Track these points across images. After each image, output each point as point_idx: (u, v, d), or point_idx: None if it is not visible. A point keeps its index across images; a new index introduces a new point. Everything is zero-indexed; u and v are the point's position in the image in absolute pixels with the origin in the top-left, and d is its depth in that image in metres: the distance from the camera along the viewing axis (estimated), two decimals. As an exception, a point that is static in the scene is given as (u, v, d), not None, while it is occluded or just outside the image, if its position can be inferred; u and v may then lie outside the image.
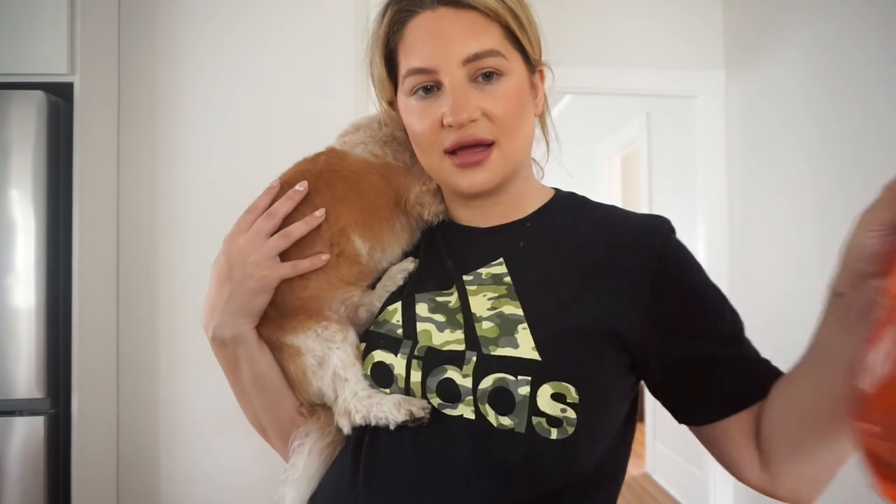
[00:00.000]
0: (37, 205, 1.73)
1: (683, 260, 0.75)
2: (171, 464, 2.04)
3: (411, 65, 0.75)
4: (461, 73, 0.73)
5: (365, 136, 0.86)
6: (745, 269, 2.88)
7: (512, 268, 0.76)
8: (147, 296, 2.06)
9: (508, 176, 0.78)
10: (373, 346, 0.76)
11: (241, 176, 2.09)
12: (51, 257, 1.76)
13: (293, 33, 2.11)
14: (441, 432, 0.68)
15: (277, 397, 0.81)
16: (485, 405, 0.67)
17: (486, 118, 0.73)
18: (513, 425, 0.66)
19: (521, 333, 0.69)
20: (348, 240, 0.80)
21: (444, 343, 0.72)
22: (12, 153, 1.72)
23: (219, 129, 2.09)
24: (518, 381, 0.66)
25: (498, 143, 0.74)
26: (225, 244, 0.80)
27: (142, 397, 2.05)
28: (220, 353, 0.81)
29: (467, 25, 0.73)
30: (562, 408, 0.65)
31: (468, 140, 0.73)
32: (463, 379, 0.68)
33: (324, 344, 0.75)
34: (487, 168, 0.75)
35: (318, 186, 0.81)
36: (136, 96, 2.08)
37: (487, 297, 0.74)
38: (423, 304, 0.76)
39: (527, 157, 0.81)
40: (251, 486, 2.04)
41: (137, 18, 2.08)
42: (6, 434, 1.69)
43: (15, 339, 1.71)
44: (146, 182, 2.08)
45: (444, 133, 0.74)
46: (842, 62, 2.26)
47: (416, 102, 0.76)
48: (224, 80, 2.09)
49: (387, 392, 0.73)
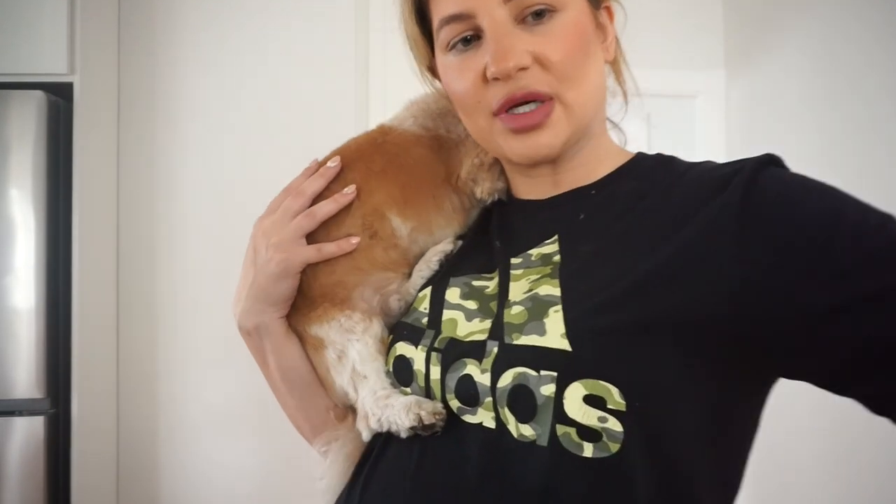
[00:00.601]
0: (36, 205, 1.73)
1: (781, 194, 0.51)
2: (171, 464, 2.04)
3: (443, 13, 0.61)
4: (503, 12, 0.58)
5: (417, 109, 0.76)
6: (745, 269, 2.88)
7: (565, 245, 0.61)
8: (147, 296, 2.06)
9: (576, 135, 0.62)
10: (397, 338, 0.65)
11: (240, 175, 2.09)
12: (51, 257, 1.76)
13: (293, 33, 2.11)
14: (452, 444, 0.56)
15: (309, 395, 0.72)
16: (504, 409, 0.53)
17: (540, 66, 0.58)
18: (534, 436, 0.52)
19: (551, 317, 0.54)
20: (384, 219, 0.70)
21: (469, 333, 0.59)
22: (12, 153, 1.72)
23: (218, 129, 2.09)
24: (541, 377, 0.51)
25: (559, 96, 0.59)
26: (254, 227, 0.72)
27: (141, 397, 2.05)
28: (248, 343, 0.73)
29: None
30: (600, 416, 0.49)
31: (519, 95, 0.59)
32: (481, 375, 0.55)
33: (344, 335, 0.66)
34: (550, 128, 0.60)
35: (354, 162, 0.72)
36: (136, 96, 2.07)
37: (530, 280, 0.60)
38: (456, 290, 0.64)
39: (598, 111, 0.65)
40: (251, 485, 2.04)
41: (137, 18, 2.08)
42: (6, 434, 1.69)
43: (15, 339, 1.71)
44: (146, 182, 2.08)
45: (490, 90, 0.60)
46: (842, 62, 2.26)
47: (453, 58, 0.62)
48: (224, 79, 2.09)
49: (407, 391, 0.62)
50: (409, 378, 0.62)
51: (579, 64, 0.60)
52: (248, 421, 2.03)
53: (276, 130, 2.08)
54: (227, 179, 2.08)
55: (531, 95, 0.59)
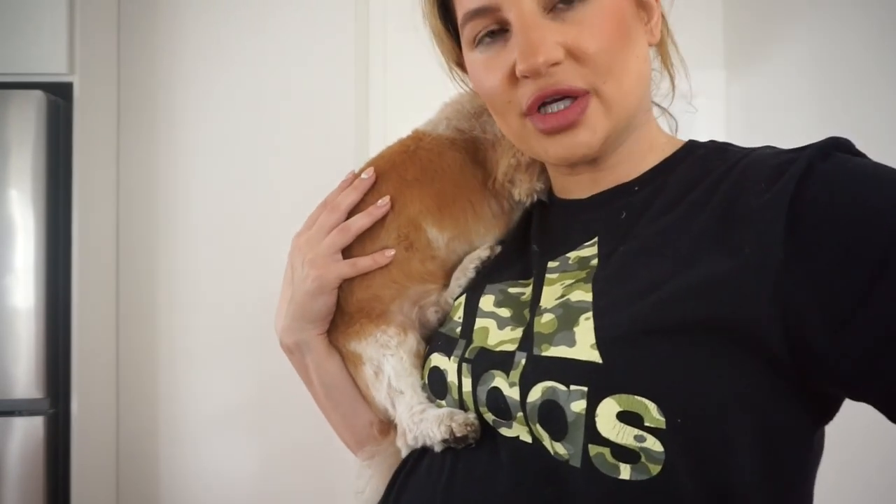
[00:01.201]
0: (36, 205, 1.73)
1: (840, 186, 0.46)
2: (171, 464, 2.04)
3: (467, 7, 0.56)
4: (531, 2, 0.52)
5: (451, 110, 0.73)
6: (746, 269, 2.88)
7: (604, 248, 0.55)
8: (147, 296, 2.06)
9: (616, 131, 0.56)
10: (432, 349, 0.63)
11: (240, 175, 2.09)
12: (50, 257, 1.76)
13: (293, 33, 2.11)
14: (486, 457, 0.53)
15: (352, 410, 0.70)
16: (536, 426, 0.49)
17: (574, 59, 0.52)
18: (568, 456, 0.48)
19: (581, 325, 0.50)
20: (419, 230, 0.68)
21: (500, 343, 0.56)
22: (12, 153, 1.72)
23: (218, 129, 2.09)
24: (570, 392, 0.47)
25: (596, 91, 0.53)
26: (291, 243, 0.71)
27: (141, 397, 2.05)
28: (291, 360, 0.72)
29: None
30: (637, 434, 0.45)
31: (551, 91, 0.53)
32: (510, 388, 0.52)
33: (379, 351, 0.65)
34: (587, 126, 0.54)
35: (388, 172, 0.70)
36: (136, 96, 2.07)
37: (563, 286, 0.55)
38: (490, 297, 0.61)
39: (642, 101, 0.59)
40: (251, 485, 2.04)
41: (137, 18, 2.08)
42: (6, 434, 1.69)
43: (15, 339, 1.71)
44: (146, 182, 2.08)
45: (520, 87, 0.55)
46: (843, 61, 2.26)
47: (480, 55, 0.57)
48: (223, 79, 2.09)
49: (443, 404, 0.60)
50: (443, 390, 0.60)
51: (618, 53, 0.53)
52: (248, 421, 2.03)
53: (275, 130, 2.08)
54: (226, 179, 2.08)
55: (562, 92, 0.53)
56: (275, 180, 2.05)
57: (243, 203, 2.08)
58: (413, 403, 0.61)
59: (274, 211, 2.03)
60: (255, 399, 2.00)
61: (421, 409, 0.60)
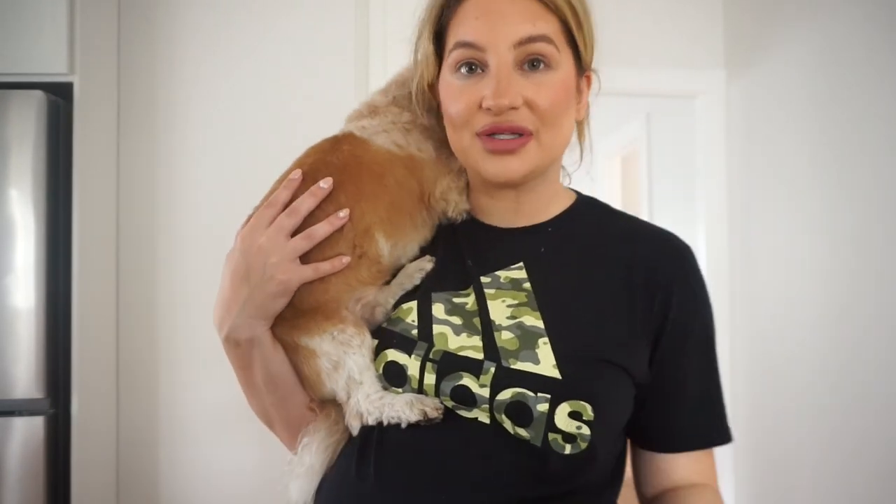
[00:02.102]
0: (36, 205, 1.73)
1: (702, 299, 0.77)
2: (171, 464, 2.04)
3: (460, 37, 0.71)
4: (509, 57, 0.69)
5: (385, 122, 0.81)
6: (746, 270, 2.87)
7: (532, 275, 0.74)
8: (147, 296, 2.06)
9: (541, 169, 0.74)
10: (385, 345, 0.73)
11: (240, 175, 2.09)
12: (51, 257, 1.76)
13: (293, 32, 2.11)
14: (456, 431, 0.69)
15: (289, 394, 0.80)
16: (501, 415, 0.67)
17: (528, 108, 0.70)
18: (529, 437, 0.67)
19: (541, 349, 0.69)
20: (372, 240, 0.76)
21: (460, 347, 0.70)
22: (12, 153, 1.72)
23: (218, 128, 2.09)
24: (537, 397, 0.66)
25: (537, 135, 0.71)
26: (242, 240, 0.75)
27: (141, 397, 2.05)
28: (233, 352, 0.78)
29: (526, 8, 0.70)
30: (577, 425, 0.66)
31: (504, 126, 0.70)
32: (480, 388, 0.68)
33: (339, 348, 0.73)
34: (521, 157, 0.71)
35: (343, 181, 0.75)
36: (136, 96, 2.08)
37: (507, 304, 0.72)
38: (440, 305, 0.74)
39: (561, 156, 0.79)
40: (251, 485, 2.04)
41: (137, 18, 2.08)
42: (6, 434, 1.69)
43: (15, 339, 1.71)
44: (146, 182, 2.08)
45: (480, 115, 0.71)
46: (843, 61, 2.26)
47: (457, 81, 0.72)
48: (224, 79, 2.09)
49: (399, 391, 0.72)
50: (401, 381, 0.72)
51: (559, 114, 0.72)
52: (248, 421, 2.02)
53: (275, 130, 2.08)
54: (226, 178, 2.08)
55: (514, 129, 0.70)
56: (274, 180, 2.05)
57: (243, 203, 2.07)
58: (370, 392, 0.72)
59: (274, 211, 2.03)
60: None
61: (379, 395, 0.71)
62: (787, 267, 2.58)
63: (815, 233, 2.39)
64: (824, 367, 2.32)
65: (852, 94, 2.21)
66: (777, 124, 2.64)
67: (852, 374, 2.18)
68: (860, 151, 2.17)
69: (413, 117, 0.80)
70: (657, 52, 2.95)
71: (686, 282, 0.75)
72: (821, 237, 2.36)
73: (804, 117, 2.46)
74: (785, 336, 2.58)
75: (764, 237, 2.74)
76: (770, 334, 2.69)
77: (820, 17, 2.38)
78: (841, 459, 2.23)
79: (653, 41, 2.94)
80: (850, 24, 2.23)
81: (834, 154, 2.29)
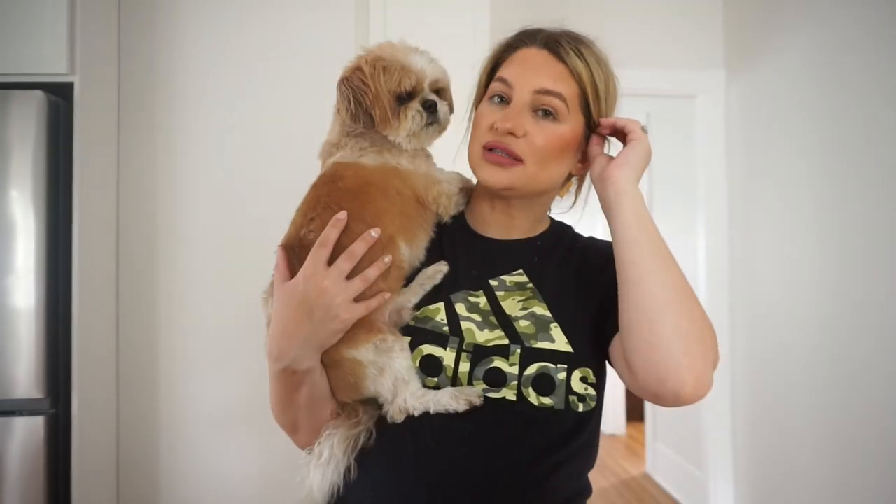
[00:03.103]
0: (37, 205, 1.73)
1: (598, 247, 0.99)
2: (171, 464, 2.04)
3: (501, 74, 0.92)
4: (528, 98, 0.88)
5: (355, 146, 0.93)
6: (745, 266, 2.88)
7: (532, 278, 0.93)
8: (147, 296, 2.06)
9: (522, 191, 0.91)
10: (420, 341, 0.87)
11: (240, 175, 2.09)
12: (51, 257, 1.76)
13: (293, 34, 2.11)
14: (489, 412, 0.82)
15: (322, 407, 0.90)
16: (527, 388, 0.83)
17: (526, 141, 0.87)
18: (552, 404, 0.83)
19: (554, 331, 0.87)
20: (396, 248, 0.88)
21: (488, 340, 0.86)
22: (12, 153, 1.72)
23: (218, 129, 2.09)
24: (557, 368, 0.84)
25: (525, 163, 0.88)
26: (305, 280, 0.84)
27: (142, 397, 2.05)
28: (288, 379, 0.88)
29: (554, 70, 0.89)
30: (585, 387, 0.85)
31: (501, 145, 0.88)
32: (510, 367, 0.84)
33: (383, 355, 0.84)
34: (508, 173, 0.88)
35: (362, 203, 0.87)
36: (136, 96, 2.08)
37: (517, 301, 0.90)
38: (461, 304, 0.89)
39: (548, 193, 0.96)
40: (251, 485, 2.04)
41: (137, 18, 2.08)
42: (6, 434, 1.69)
43: (15, 339, 1.71)
44: (146, 182, 2.08)
45: (490, 133, 0.89)
46: (841, 62, 2.26)
47: (489, 106, 0.92)
48: (224, 79, 2.10)
49: (434, 381, 0.86)
50: (436, 372, 0.86)
51: (550, 156, 0.89)
52: (249, 421, 2.03)
53: (275, 129, 2.08)
54: (227, 178, 2.09)
55: (508, 151, 0.88)
56: (274, 180, 2.05)
57: (243, 203, 2.08)
58: (415, 389, 0.84)
59: (274, 211, 2.02)
60: (255, 399, 1.99)
61: (422, 392, 0.84)
62: (784, 261, 2.58)
63: (813, 231, 2.39)
64: (822, 364, 2.32)
65: (851, 94, 2.21)
66: (776, 124, 2.64)
67: (852, 373, 2.18)
68: (859, 151, 2.17)
69: (370, 142, 0.93)
70: (657, 53, 2.95)
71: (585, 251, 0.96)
72: (819, 235, 2.36)
73: (803, 117, 2.46)
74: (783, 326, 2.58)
75: (763, 236, 2.74)
76: (769, 324, 2.69)
77: (819, 17, 2.38)
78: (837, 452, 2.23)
79: (653, 41, 2.95)
80: (850, 25, 2.23)
81: (833, 153, 2.29)
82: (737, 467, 2.92)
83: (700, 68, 3.00)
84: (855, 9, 2.20)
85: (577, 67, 0.89)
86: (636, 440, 4.56)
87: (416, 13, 2.07)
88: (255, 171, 2.08)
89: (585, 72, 0.89)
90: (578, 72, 0.89)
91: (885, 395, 2.03)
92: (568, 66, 0.89)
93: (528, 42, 0.93)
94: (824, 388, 2.31)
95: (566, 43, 0.91)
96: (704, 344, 0.78)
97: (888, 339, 2.02)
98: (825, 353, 2.32)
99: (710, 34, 3.00)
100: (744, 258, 2.89)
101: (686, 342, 0.76)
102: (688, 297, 0.79)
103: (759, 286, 2.77)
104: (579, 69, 0.89)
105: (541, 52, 0.91)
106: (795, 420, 2.49)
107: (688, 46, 2.99)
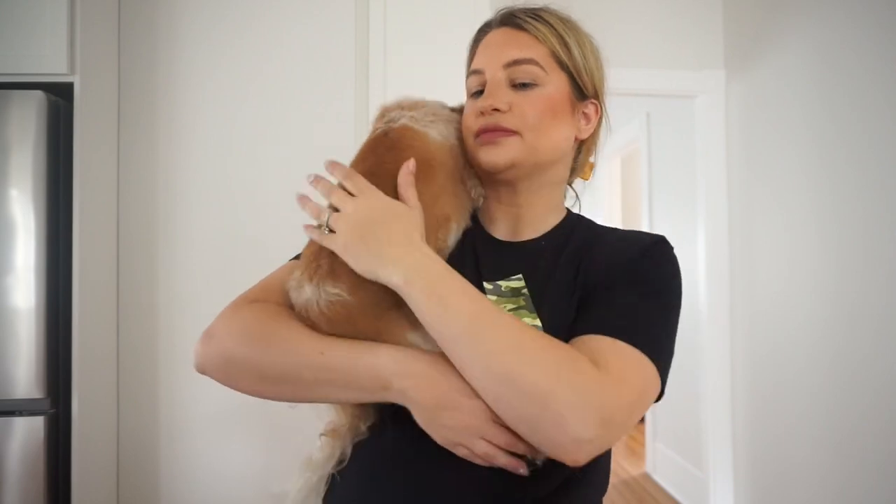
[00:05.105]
0: (37, 205, 1.73)
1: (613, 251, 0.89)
2: (171, 464, 2.04)
3: (472, 68, 0.91)
4: (502, 74, 0.86)
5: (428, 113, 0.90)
6: (745, 267, 2.88)
7: (530, 284, 0.87)
8: (147, 296, 2.06)
9: (527, 166, 0.86)
10: None
11: (241, 175, 2.09)
12: (51, 257, 1.76)
13: (293, 35, 2.11)
14: None
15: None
16: None
17: (514, 113, 0.84)
18: None
19: None
20: (449, 229, 0.87)
21: None
22: (12, 153, 1.72)
23: (218, 129, 2.09)
24: None
25: (521, 135, 0.85)
26: None
27: (142, 397, 2.05)
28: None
29: (517, 40, 0.88)
30: None
31: (491, 125, 0.84)
32: None
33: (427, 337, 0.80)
34: (505, 148, 0.85)
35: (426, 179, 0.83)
36: (136, 96, 2.08)
37: (508, 309, 0.84)
38: None
39: (553, 161, 0.89)
40: (251, 485, 2.04)
41: (137, 18, 2.08)
42: (6, 434, 1.69)
43: (15, 339, 1.71)
44: (146, 182, 2.08)
45: (479, 120, 0.86)
46: (841, 62, 2.26)
47: (471, 102, 0.90)
48: (224, 79, 2.10)
49: None
50: None
51: (543, 120, 0.85)
52: (249, 421, 2.03)
53: (276, 130, 2.09)
54: (227, 179, 2.08)
55: (499, 128, 0.84)
56: (275, 180, 2.05)
57: (243, 202, 2.08)
58: None
59: (274, 210, 2.03)
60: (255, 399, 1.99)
61: None
62: (784, 262, 2.58)
63: (813, 231, 2.39)
64: (822, 363, 2.33)
65: (851, 94, 2.21)
66: (776, 124, 2.64)
67: (851, 373, 2.18)
68: (859, 151, 2.17)
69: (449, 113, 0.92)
70: (657, 53, 2.96)
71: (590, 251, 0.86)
72: (819, 235, 2.36)
73: (803, 117, 2.46)
74: (782, 329, 2.58)
75: (763, 235, 2.74)
76: (768, 327, 2.69)
77: (819, 18, 2.38)
78: (836, 452, 2.23)
79: (653, 42, 2.95)
80: (849, 25, 2.23)
81: (832, 153, 2.29)
82: (737, 467, 2.92)
83: (700, 68, 3.00)
84: (855, 9, 2.20)
85: (539, 28, 0.87)
86: (636, 440, 4.57)
87: (416, 16, 2.07)
88: (255, 171, 2.08)
89: (548, 29, 0.87)
90: (542, 33, 0.87)
91: (885, 395, 2.03)
92: (529, 32, 0.88)
93: (487, 28, 0.93)
94: (824, 387, 2.31)
95: (521, 13, 0.90)
96: (564, 397, 0.64)
97: (887, 339, 2.02)
98: (825, 352, 2.32)
99: (709, 34, 3.00)
100: (743, 258, 2.89)
101: (544, 410, 0.64)
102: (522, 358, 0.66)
103: (758, 286, 2.77)
104: (541, 29, 0.87)
105: (500, 30, 0.90)
106: (795, 420, 2.49)
107: (687, 46, 2.99)
